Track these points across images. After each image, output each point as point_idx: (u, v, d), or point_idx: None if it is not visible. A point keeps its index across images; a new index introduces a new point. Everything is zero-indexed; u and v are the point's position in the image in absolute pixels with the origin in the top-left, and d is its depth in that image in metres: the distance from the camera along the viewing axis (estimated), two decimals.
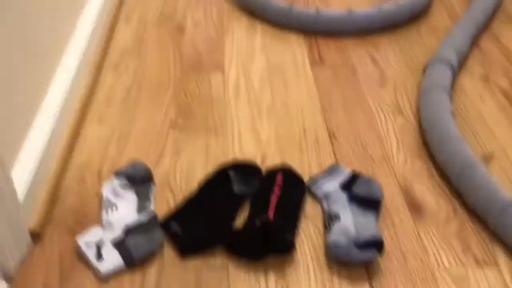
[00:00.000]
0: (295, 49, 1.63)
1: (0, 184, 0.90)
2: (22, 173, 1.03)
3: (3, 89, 1.00)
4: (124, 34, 1.68)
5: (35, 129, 1.13)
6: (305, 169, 1.20)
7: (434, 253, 1.02)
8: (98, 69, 1.49)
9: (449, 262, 1.01)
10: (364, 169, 1.20)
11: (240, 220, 1.08)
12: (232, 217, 1.08)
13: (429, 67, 1.46)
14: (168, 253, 1.01)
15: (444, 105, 1.30)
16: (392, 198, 1.14)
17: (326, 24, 1.68)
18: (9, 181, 0.93)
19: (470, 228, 1.07)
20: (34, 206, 1.04)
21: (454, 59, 1.46)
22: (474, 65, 1.57)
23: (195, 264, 0.99)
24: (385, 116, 1.37)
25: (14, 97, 1.05)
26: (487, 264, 1.00)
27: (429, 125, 1.26)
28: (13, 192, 0.95)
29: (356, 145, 1.27)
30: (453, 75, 1.44)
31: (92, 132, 1.30)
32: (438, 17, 1.78)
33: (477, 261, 1.01)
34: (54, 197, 1.11)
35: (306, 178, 1.17)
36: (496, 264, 1.00)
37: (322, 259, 1.01)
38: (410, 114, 1.37)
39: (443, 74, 1.41)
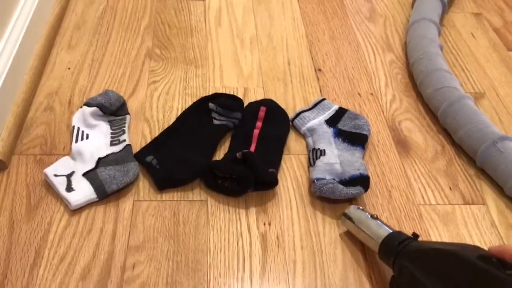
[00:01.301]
0: None
1: None
2: None
3: None
4: None
5: None
6: (289, 104, 1.14)
7: (420, 190, 0.99)
8: None
9: (436, 199, 0.98)
10: (350, 105, 1.15)
11: (220, 155, 1.02)
12: (212, 151, 1.02)
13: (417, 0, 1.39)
14: (144, 185, 0.96)
15: (431, 38, 1.23)
16: (379, 135, 1.09)
17: None
18: None
19: (458, 166, 1.04)
20: None
21: None
22: (466, 1, 1.50)
23: (172, 197, 0.94)
24: (374, 51, 1.31)
25: None
26: (475, 202, 0.98)
27: (416, 57, 1.20)
28: None
29: (343, 80, 1.21)
30: (443, 9, 1.37)
31: (62, 59, 1.21)
32: None
33: (464, 199, 0.98)
34: (20, 125, 1.03)
35: (290, 113, 1.11)
36: (483, 202, 0.98)
37: (306, 195, 0.97)
38: (400, 51, 1.31)
39: (431, 8, 1.34)
